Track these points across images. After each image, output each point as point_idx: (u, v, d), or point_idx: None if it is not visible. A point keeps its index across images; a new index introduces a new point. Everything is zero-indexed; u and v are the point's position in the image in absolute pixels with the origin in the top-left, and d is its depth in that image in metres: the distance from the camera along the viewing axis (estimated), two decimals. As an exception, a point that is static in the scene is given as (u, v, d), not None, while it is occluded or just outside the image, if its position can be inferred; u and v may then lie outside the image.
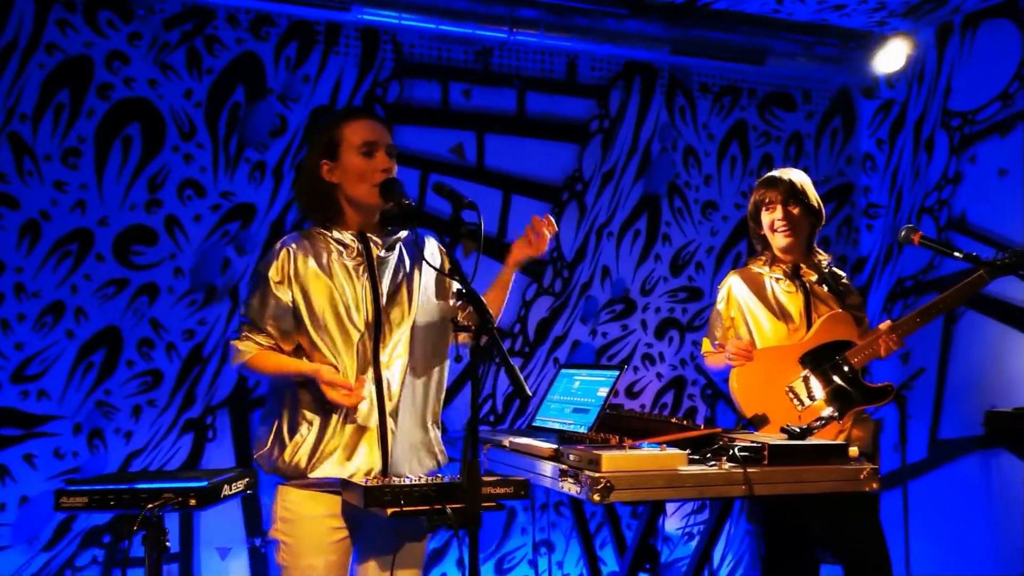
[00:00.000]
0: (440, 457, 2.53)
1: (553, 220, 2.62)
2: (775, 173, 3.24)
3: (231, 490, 2.13)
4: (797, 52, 4.60)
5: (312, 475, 2.34)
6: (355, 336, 2.37)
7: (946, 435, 4.46)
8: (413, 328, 2.44)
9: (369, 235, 2.45)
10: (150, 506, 1.91)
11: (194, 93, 3.95)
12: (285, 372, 2.37)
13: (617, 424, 2.93)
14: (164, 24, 3.91)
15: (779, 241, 3.16)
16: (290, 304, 2.37)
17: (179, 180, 3.93)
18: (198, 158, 3.96)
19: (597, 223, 4.56)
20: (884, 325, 3.06)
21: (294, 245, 2.41)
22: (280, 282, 2.37)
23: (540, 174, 4.48)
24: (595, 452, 2.34)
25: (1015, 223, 4.17)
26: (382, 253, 2.46)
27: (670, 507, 4.35)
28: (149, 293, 3.88)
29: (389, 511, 2.13)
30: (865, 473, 2.50)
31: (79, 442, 3.77)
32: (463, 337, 2.56)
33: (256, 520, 4.00)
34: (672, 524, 4.52)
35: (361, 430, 2.36)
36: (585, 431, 2.79)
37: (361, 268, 2.42)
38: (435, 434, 2.52)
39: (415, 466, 2.44)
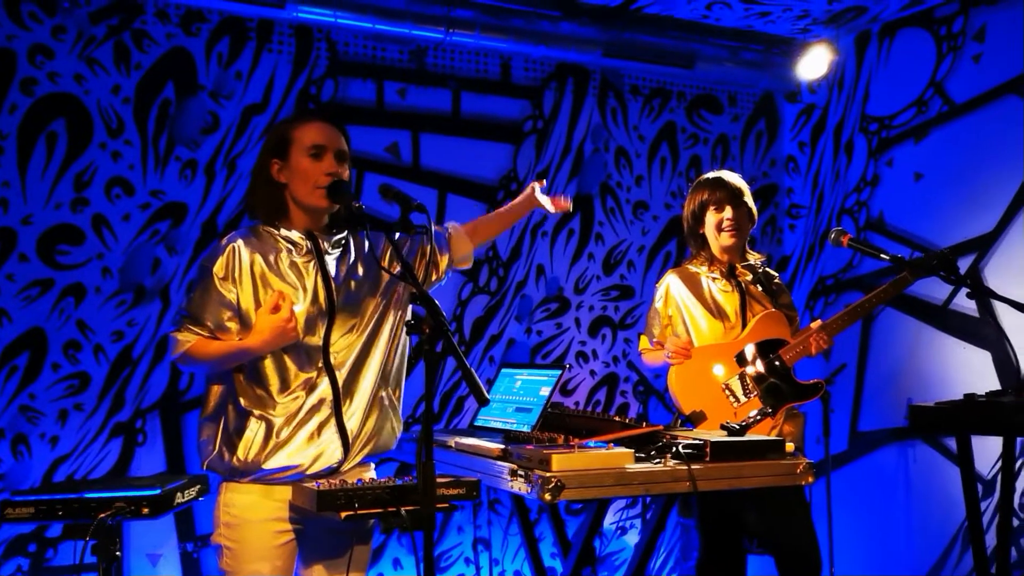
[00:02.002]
0: (396, 425, 2.51)
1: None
2: (721, 175, 3.31)
3: (183, 497, 2.09)
4: (724, 57, 4.73)
5: (266, 466, 2.31)
6: (303, 333, 2.36)
7: (866, 427, 4.65)
8: (364, 321, 2.44)
9: (317, 233, 2.45)
10: (101, 515, 1.87)
11: (122, 89, 3.85)
12: (228, 352, 2.33)
13: (560, 423, 2.98)
14: (90, 18, 3.80)
15: (725, 241, 3.24)
16: (234, 301, 2.34)
17: (107, 178, 3.83)
18: (127, 156, 3.86)
19: (532, 223, 4.60)
20: (815, 324, 3.18)
21: (241, 242, 2.39)
22: (224, 278, 2.34)
23: (475, 174, 4.50)
24: (545, 452, 2.38)
25: (930, 224, 4.37)
26: (330, 250, 2.46)
27: (604, 502, 4.43)
28: (76, 294, 3.77)
29: (343, 515, 2.13)
30: (801, 467, 2.60)
31: (3, 449, 3.65)
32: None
33: (188, 525, 3.93)
34: (606, 519, 4.60)
35: (315, 423, 2.35)
36: (529, 430, 2.83)
37: (311, 264, 2.41)
38: (393, 416, 2.50)
39: (370, 448, 2.43)
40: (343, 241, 2.50)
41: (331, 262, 2.45)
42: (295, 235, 2.43)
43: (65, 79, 3.76)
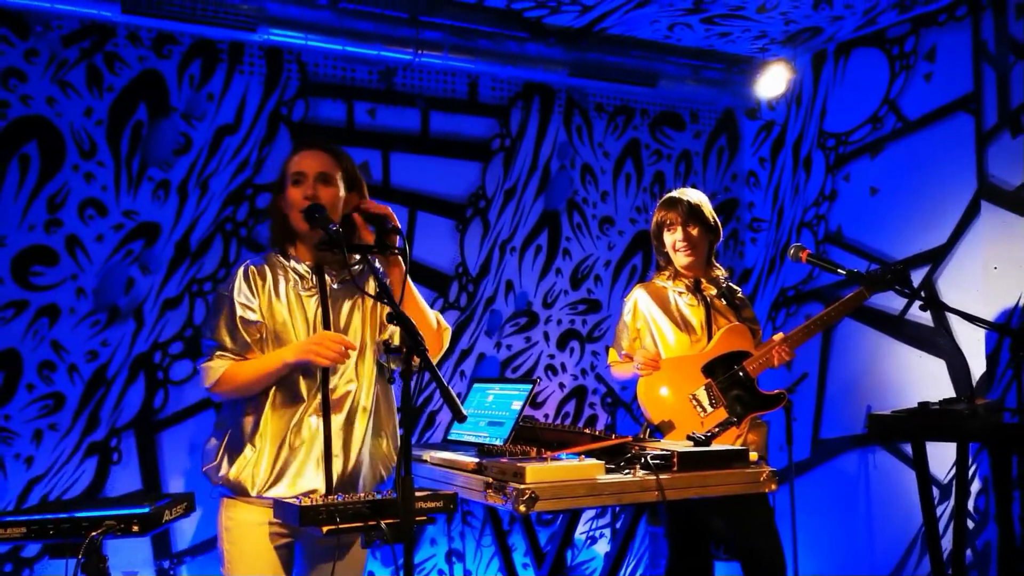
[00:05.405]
0: (384, 473, 2.61)
1: None
2: (675, 195, 3.43)
3: (171, 515, 2.16)
4: (686, 76, 4.85)
5: (253, 492, 2.43)
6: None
7: (827, 435, 4.79)
8: (365, 356, 2.53)
9: (325, 267, 2.53)
10: (93, 534, 1.92)
11: (95, 111, 3.89)
12: (264, 371, 2.42)
13: (531, 436, 3.06)
14: (63, 41, 3.83)
15: (681, 260, 3.36)
16: (258, 318, 2.45)
17: (80, 199, 3.86)
18: (100, 177, 3.90)
19: (500, 239, 4.69)
20: (777, 337, 3.30)
21: (254, 268, 2.51)
22: (244, 301, 2.46)
23: (445, 191, 4.59)
24: (519, 464, 2.46)
25: (886, 237, 4.52)
26: (335, 285, 2.54)
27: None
28: (50, 315, 3.79)
29: (325, 529, 2.20)
30: (765, 475, 2.70)
31: (-24, 470, 3.66)
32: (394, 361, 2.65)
33: (164, 542, 3.95)
34: (576, 529, 4.68)
35: (308, 455, 2.44)
36: (501, 444, 2.91)
37: (314, 299, 2.50)
38: (387, 456, 2.60)
39: (361, 487, 2.52)
40: (350, 278, 2.57)
41: (334, 299, 2.53)
42: (302, 268, 2.52)
43: (37, 102, 3.79)
